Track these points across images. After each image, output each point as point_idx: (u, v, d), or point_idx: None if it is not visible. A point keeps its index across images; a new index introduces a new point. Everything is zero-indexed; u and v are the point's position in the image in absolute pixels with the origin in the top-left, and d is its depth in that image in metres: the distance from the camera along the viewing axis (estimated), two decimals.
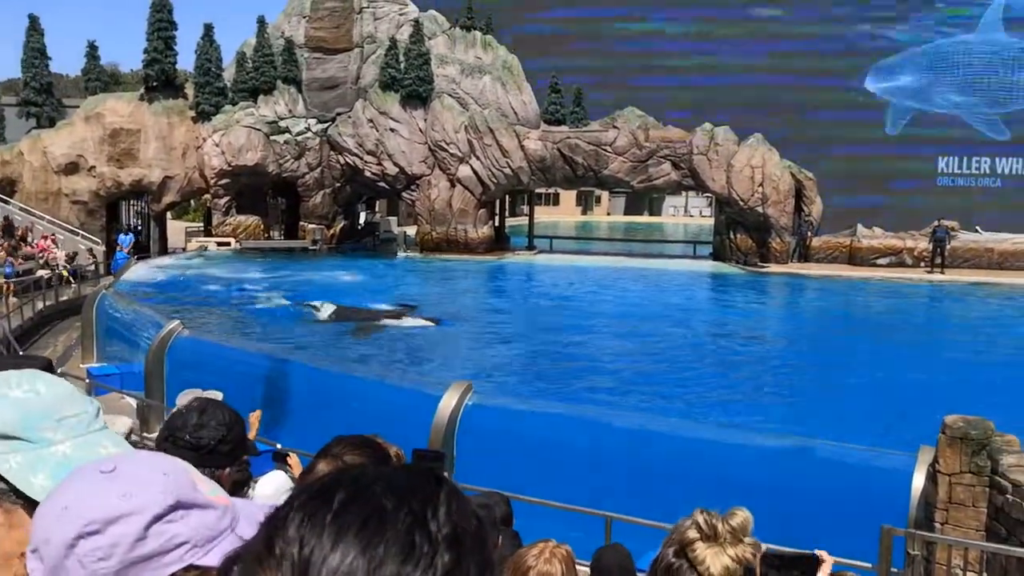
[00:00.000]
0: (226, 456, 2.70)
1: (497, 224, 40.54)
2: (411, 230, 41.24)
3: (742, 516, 2.88)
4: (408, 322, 23.30)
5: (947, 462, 8.08)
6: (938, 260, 33.43)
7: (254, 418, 5.90)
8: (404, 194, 38.89)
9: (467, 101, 37.71)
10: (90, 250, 33.07)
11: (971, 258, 34.09)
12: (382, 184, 38.78)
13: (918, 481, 8.54)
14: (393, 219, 48.22)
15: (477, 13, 38.37)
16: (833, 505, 8.61)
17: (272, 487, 4.29)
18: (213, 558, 1.19)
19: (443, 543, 0.83)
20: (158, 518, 1.16)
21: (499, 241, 39.72)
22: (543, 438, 10.42)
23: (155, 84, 37.90)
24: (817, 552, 3.87)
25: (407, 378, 14.97)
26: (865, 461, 9.53)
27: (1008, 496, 7.66)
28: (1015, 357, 20.06)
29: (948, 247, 33.50)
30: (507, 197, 43.54)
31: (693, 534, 2.82)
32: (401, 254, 38.82)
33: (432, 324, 23.02)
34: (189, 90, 38.36)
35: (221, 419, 2.73)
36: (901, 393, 15.66)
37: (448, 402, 10.28)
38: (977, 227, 34.47)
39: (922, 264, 34.17)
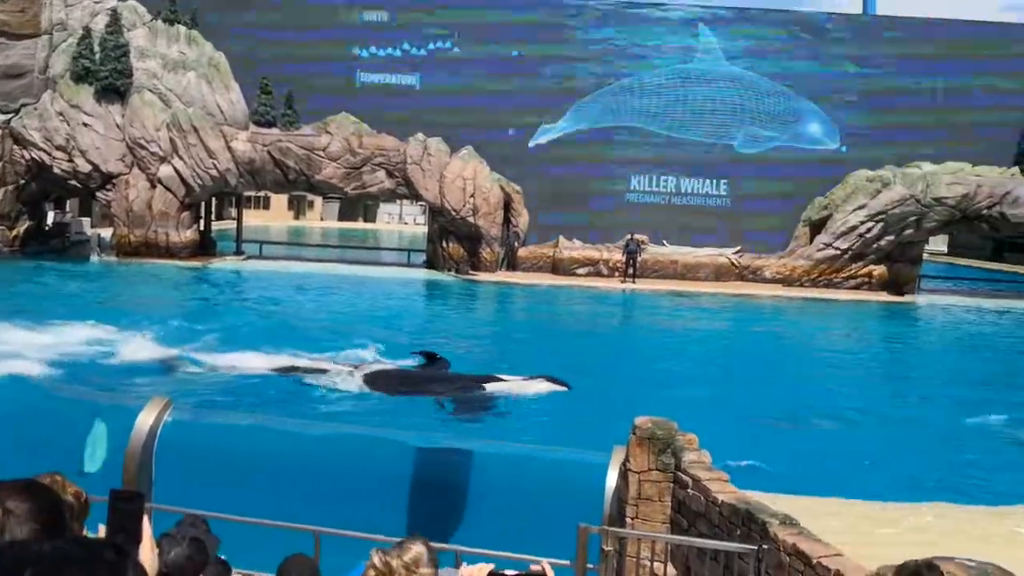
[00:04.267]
0: None
1: (202, 228, 38.74)
2: (106, 232, 38.42)
3: (415, 550, 3.11)
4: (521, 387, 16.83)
5: (637, 460, 8.66)
6: (631, 270, 36.06)
7: None
8: (99, 193, 36.19)
9: (170, 98, 35.77)
10: None
11: (659, 269, 37.04)
12: (74, 182, 35.86)
13: (611, 479, 9.06)
14: (86, 220, 44.66)
15: (181, 7, 36.60)
16: (533, 505, 8.94)
17: None
18: None
19: None
20: None
21: (204, 246, 37.95)
22: (247, 452, 10.06)
23: None
24: (543, 565, 3.97)
25: (104, 394, 13.91)
26: (563, 461, 9.99)
27: (689, 490, 8.33)
28: (699, 358, 21.99)
29: (639, 259, 36.25)
30: (213, 200, 41.76)
31: (372, 574, 3.04)
32: (95, 258, 36.10)
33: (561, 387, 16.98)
34: None
35: None
36: (598, 395, 16.57)
37: (145, 420, 9.64)
38: (664, 240, 37.48)
39: (616, 274, 36.66)
